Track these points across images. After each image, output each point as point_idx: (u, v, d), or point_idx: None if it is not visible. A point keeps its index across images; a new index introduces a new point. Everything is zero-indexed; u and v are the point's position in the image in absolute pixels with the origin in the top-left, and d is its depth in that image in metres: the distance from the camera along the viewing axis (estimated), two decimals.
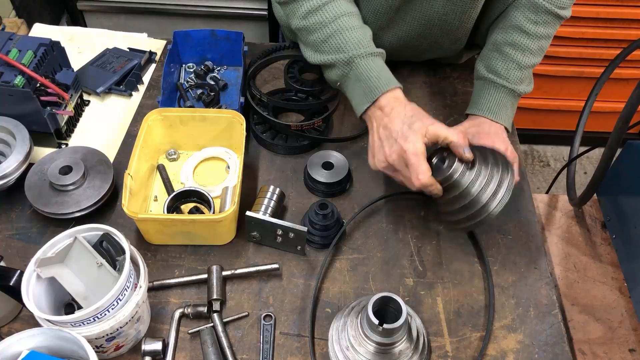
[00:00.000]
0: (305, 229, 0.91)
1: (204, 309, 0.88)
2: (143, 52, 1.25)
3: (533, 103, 2.15)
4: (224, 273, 0.92)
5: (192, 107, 1.13)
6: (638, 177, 1.10)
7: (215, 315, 0.87)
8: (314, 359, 0.84)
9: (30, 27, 1.32)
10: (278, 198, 0.98)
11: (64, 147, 1.08)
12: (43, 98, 1.02)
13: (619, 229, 1.15)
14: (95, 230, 0.81)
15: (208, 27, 1.23)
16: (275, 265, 0.92)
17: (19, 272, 0.80)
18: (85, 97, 1.18)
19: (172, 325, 0.87)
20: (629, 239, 1.11)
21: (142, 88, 1.21)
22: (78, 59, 1.22)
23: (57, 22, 2.08)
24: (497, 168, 0.90)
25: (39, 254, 0.78)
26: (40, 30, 1.31)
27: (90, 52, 1.25)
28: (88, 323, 0.74)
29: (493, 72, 1.05)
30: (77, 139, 1.11)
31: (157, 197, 1.02)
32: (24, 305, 0.77)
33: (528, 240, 1.00)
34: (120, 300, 0.75)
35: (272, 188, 0.98)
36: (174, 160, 1.08)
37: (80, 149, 1.02)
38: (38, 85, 1.02)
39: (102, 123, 1.15)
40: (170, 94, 1.15)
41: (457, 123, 1.14)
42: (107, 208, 1.00)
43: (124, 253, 0.77)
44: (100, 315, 0.74)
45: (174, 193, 0.98)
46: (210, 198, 0.98)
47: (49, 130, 1.05)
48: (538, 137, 2.36)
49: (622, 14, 1.86)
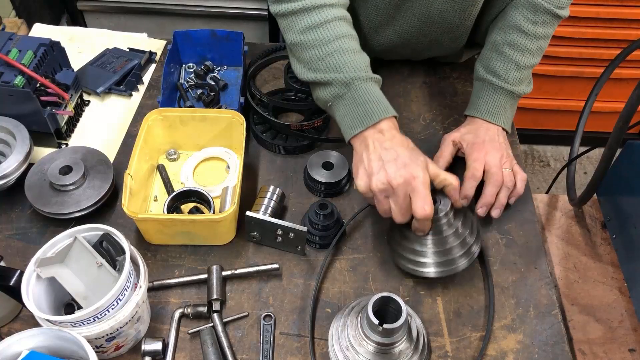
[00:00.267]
0: (305, 229, 0.91)
1: (204, 309, 0.88)
2: (143, 52, 1.25)
3: (533, 103, 2.15)
4: (224, 273, 0.92)
5: (192, 107, 1.13)
6: (638, 177, 1.10)
7: (215, 315, 0.87)
8: (314, 359, 0.84)
9: (30, 27, 1.32)
10: (278, 198, 0.98)
11: (64, 147, 1.08)
12: (43, 98, 1.02)
13: (619, 229, 1.15)
14: (95, 230, 0.81)
15: (208, 27, 1.23)
16: (275, 265, 0.92)
17: (19, 272, 0.80)
18: (85, 97, 1.18)
19: (172, 325, 0.87)
20: (629, 239, 1.11)
21: (142, 88, 1.21)
22: (78, 59, 1.22)
23: (57, 22, 2.08)
24: (470, 230, 0.92)
25: (39, 254, 0.78)
26: (40, 30, 1.31)
27: (90, 52, 1.25)
28: (88, 323, 0.74)
29: (492, 73, 1.05)
30: (77, 139, 1.11)
31: (157, 197, 1.03)
32: (24, 305, 0.77)
33: (528, 240, 1.00)
34: (120, 300, 0.75)
35: (272, 188, 0.98)
36: (174, 160, 1.08)
37: (80, 149, 1.02)
38: (38, 85, 1.02)
39: (102, 123, 1.15)
40: (170, 94, 1.15)
41: (457, 123, 1.14)
42: (107, 208, 1.00)
43: (124, 253, 0.78)
44: (100, 315, 0.74)
45: (174, 193, 0.98)
46: (210, 198, 0.98)
47: (49, 130, 1.05)
48: (538, 137, 2.36)
49: (622, 14, 1.86)
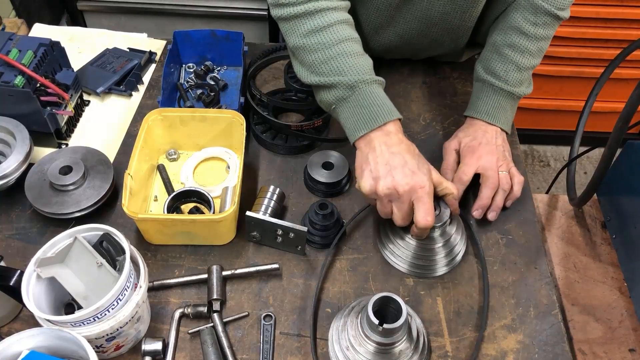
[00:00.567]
0: (305, 229, 0.91)
1: (204, 309, 0.88)
2: (143, 52, 1.25)
3: (533, 103, 2.15)
4: (224, 273, 0.92)
5: (192, 107, 1.13)
6: (638, 177, 1.10)
7: (215, 315, 0.87)
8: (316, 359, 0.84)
9: (30, 27, 1.32)
10: (278, 198, 0.98)
11: (64, 147, 1.08)
12: (43, 98, 1.02)
13: (619, 229, 1.15)
14: (95, 230, 0.81)
15: (208, 27, 1.23)
16: (275, 265, 0.92)
17: (19, 272, 0.80)
18: (85, 97, 1.18)
19: (172, 325, 0.87)
20: (629, 239, 1.11)
21: (142, 88, 1.21)
22: (78, 59, 1.22)
23: (57, 22, 2.08)
24: (460, 237, 0.96)
25: (39, 254, 0.78)
26: (40, 30, 1.31)
27: (90, 52, 1.25)
28: (88, 323, 0.74)
29: (492, 74, 1.05)
30: (77, 139, 1.11)
31: (157, 197, 1.02)
32: (24, 305, 0.77)
33: (528, 240, 1.00)
34: (120, 300, 0.75)
35: (272, 188, 0.98)
36: (174, 160, 1.08)
37: (80, 149, 1.02)
38: (38, 85, 1.02)
39: (102, 123, 1.15)
40: (170, 94, 1.15)
41: (457, 123, 1.15)
42: (107, 208, 1.00)
43: (124, 253, 0.78)
44: (100, 315, 0.74)
45: (174, 193, 0.98)
46: (210, 198, 0.98)
47: (49, 130, 1.05)
48: (538, 137, 2.36)
49: (622, 14, 1.86)
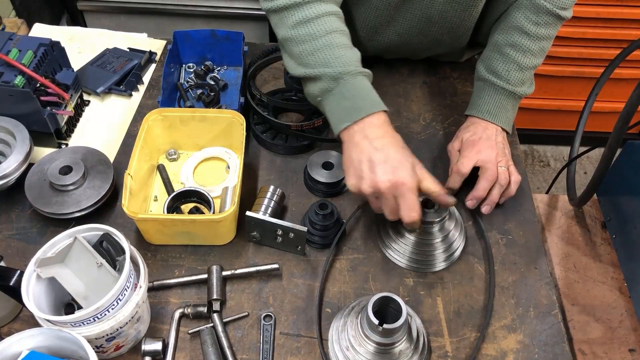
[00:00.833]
0: (305, 229, 0.91)
1: (204, 309, 0.88)
2: (143, 52, 1.25)
3: (533, 103, 2.15)
4: (224, 273, 0.91)
5: (192, 107, 1.13)
6: (638, 177, 1.10)
7: (215, 315, 0.87)
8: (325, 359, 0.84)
9: (30, 27, 1.32)
10: (278, 198, 0.98)
11: (64, 147, 1.08)
12: (43, 98, 1.02)
13: (619, 229, 1.15)
14: (95, 230, 0.81)
15: (208, 27, 1.23)
16: (275, 265, 0.92)
17: (19, 272, 0.80)
18: (85, 97, 1.18)
19: (172, 325, 0.87)
20: (629, 239, 1.11)
21: (142, 88, 1.21)
22: (78, 59, 1.22)
23: (57, 22, 2.08)
24: (459, 234, 0.97)
25: (39, 254, 0.78)
26: (40, 30, 1.31)
27: (90, 52, 1.25)
28: (88, 323, 0.73)
29: (493, 73, 1.05)
30: (77, 139, 1.11)
31: (157, 197, 1.02)
32: (24, 305, 0.77)
33: (528, 240, 1.00)
34: (120, 300, 0.75)
35: (272, 188, 0.98)
36: (174, 160, 1.08)
37: (80, 149, 1.02)
38: (38, 85, 1.02)
39: (102, 123, 1.15)
40: (170, 94, 1.15)
41: (457, 123, 1.14)
42: (107, 208, 1.00)
43: (124, 253, 0.77)
44: (100, 316, 0.74)
45: (174, 193, 0.98)
46: (210, 198, 0.98)
47: (49, 130, 1.05)
48: (538, 137, 2.36)
49: (622, 14, 1.86)
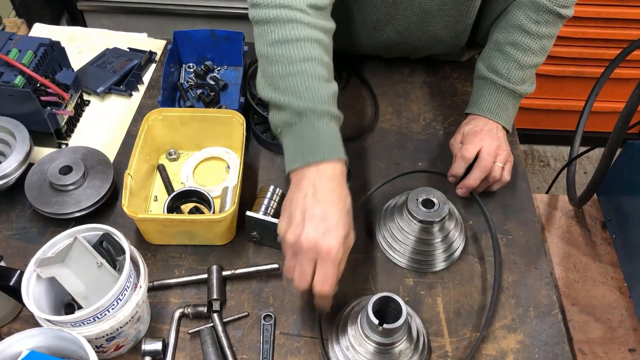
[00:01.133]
0: None
1: (204, 309, 0.88)
2: (143, 52, 1.25)
3: (533, 103, 2.15)
4: (224, 273, 0.91)
5: (192, 107, 1.13)
6: (638, 177, 1.10)
7: (215, 315, 0.87)
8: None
9: (30, 27, 1.32)
10: (278, 198, 0.98)
11: (64, 147, 1.08)
12: (43, 98, 1.02)
13: (619, 229, 1.15)
14: (95, 230, 0.81)
15: (208, 27, 1.23)
16: (275, 265, 0.92)
17: (19, 272, 0.80)
18: (85, 97, 1.18)
19: (172, 325, 0.87)
20: (629, 239, 1.11)
21: (142, 88, 1.21)
22: (78, 59, 1.22)
23: (57, 22, 2.08)
24: (459, 233, 0.97)
25: (39, 254, 0.78)
26: (40, 30, 1.31)
27: (90, 52, 1.25)
28: (88, 323, 0.73)
29: (494, 71, 1.05)
30: (77, 139, 1.11)
31: (157, 197, 1.02)
32: (24, 305, 0.77)
33: (528, 240, 1.00)
34: (120, 300, 0.75)
35: (272, 188, 0.98)
36: (174, 160, 1.08)
37: (80, 149, 1.02)
38: (38, 85, 1.02)
39: (102, 123, 1.15)
40: (170, 94, 1.14)
41: (457, 123, 1.14)
42: (107, 208, 1.00)
43: (124, 253, 0.77)
44: (100, 315, 0.74)
45: (174, 193, 0.98)
46: (210, 198, 0.98)
47: (49, 130, 1.05)
48: (538, 137, 2.36)
49: (622, 14, 1.86)
